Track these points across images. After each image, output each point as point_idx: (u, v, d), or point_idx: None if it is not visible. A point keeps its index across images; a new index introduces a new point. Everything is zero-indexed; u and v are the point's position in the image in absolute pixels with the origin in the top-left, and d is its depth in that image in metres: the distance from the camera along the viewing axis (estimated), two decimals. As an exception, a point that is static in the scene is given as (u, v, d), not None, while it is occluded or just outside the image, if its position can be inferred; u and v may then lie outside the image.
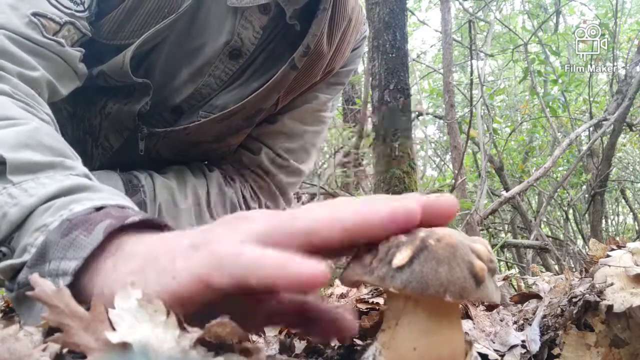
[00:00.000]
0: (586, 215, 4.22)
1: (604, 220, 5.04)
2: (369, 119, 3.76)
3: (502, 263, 4.51)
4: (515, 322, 0.61)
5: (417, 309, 0.32)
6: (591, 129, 3.69)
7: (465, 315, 0.64)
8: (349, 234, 0.32)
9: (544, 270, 2.36)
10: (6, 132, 0.50)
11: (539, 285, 0.69)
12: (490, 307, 0.68)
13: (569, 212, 4.61)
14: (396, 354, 0.33)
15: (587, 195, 4.29)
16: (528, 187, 3.20)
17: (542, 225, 5.09)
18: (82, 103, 0.85)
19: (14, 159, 0.47)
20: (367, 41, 2.41)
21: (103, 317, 0.30)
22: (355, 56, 1.05)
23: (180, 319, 0.31)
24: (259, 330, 0.57)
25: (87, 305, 0.32)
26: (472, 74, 3.51)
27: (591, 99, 4.19)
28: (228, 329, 0.30)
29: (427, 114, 5.22)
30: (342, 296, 0.96)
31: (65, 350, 0.32)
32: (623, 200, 5.60)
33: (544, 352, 0.52)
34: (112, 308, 0.31)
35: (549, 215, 5.29)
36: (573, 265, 3.66)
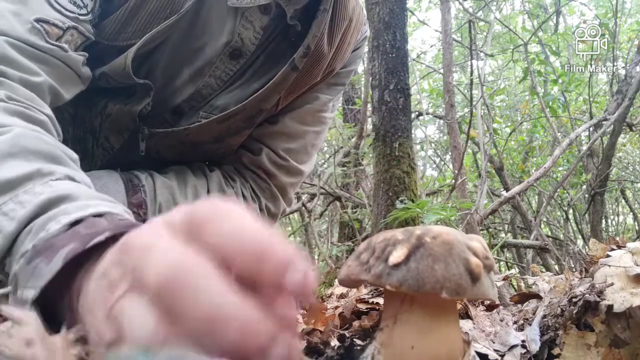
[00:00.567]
0: (586, 215, 4.22)
1: (604, 220, 5.04)
2: (369, 119, 3.76)
3: (502, 263, 4.51)
4: (515, 322, 0.61)
5: (414, 307, 0.32)
6: (591, 129, 3.69)
7: (465, 315, 0.64)
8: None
9: (544, 270, 2.36)
10: None
11: (539, 285, 0.69)
12: (490, 307, 0.68)
13: (569, 212, 4.61)
14: (394, 352, 0.33)
15: (587, 195, 4.29)
16: (528, 187, 3.19)
17: (542, 225, 5.09)
18: (83, 104, 0.85)
19: None
20: (367, 41, 2.41)
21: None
22: (356, 56, 1.05)
23: None
24: None
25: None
26: (472, 74, 3.51)
27: (591, 99, 4.19)
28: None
29: (427, 114, 5.21)
30: (342, 296, 0.96)
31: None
32: (623, 200, 5.60)
33: (544, 352, 0.52)
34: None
35: (549, 215, 5.29)
36: (573, 265, 3.66)
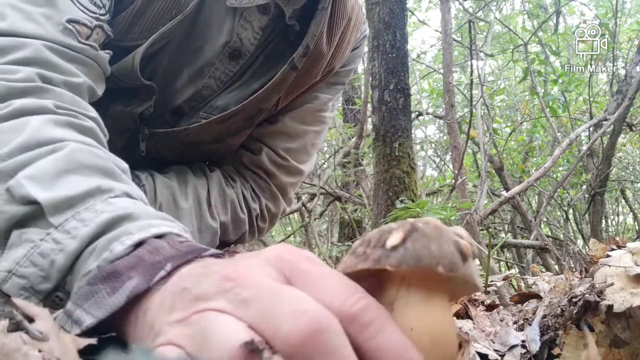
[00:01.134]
0: (586, 215, 4.22)
1: (604, 220, 5.04)
2: (369, 119, 3.76)
3: (502, 263, 4.51)
4: (515, 322, 0.61)
5: (410, 292, 0.33)
6: (591, 129, 3.70)
7: (465, 315, 0.64)
8: None
9: (544, 270, 2.36)
10: (44, 162, 0.49)
11: (539, 285, 0.69)
12: (490, 307, 0.68)
13: (569, 212, 4.62)
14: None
15: (587, 195, 4.29)
16: (528, 187, 3.20)
17: (542, 225, 5.09)
18: None
19: (51, 198, 0.46)
20: (367, 41, 2.41)
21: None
22: (355, 56, 1.05)
23: None
24: None
25: None
26: (472, 74, 3.51)
27: (591, 99, 4.20)
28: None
29: (427, 114, 5.22)
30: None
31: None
32: (623, 200, 5.61)
33: (544, 352, 0.52)
34: None
35: (549, 215, 5.29)
36: (573, 265, 3.66)
